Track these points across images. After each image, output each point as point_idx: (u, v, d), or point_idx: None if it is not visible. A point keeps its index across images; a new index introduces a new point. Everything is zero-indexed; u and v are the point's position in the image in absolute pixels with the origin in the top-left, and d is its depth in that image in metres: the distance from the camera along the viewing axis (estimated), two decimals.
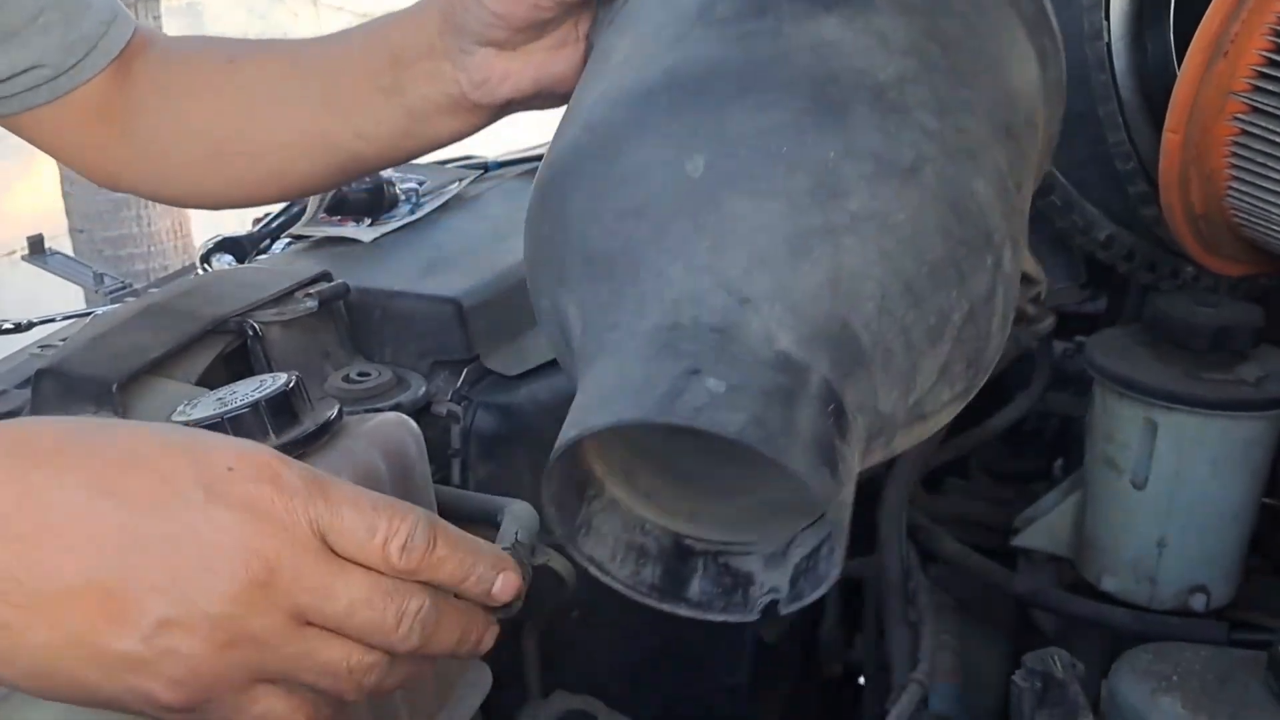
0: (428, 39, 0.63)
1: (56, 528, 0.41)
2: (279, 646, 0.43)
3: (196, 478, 0.43)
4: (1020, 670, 0.62)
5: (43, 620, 0.41)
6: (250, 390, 0.65)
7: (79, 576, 0.41)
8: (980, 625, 0.94)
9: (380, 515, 0.44)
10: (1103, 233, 0.79)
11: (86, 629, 0.41)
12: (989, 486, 1.03)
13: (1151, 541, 0.79)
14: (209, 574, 0.42)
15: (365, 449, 0.68)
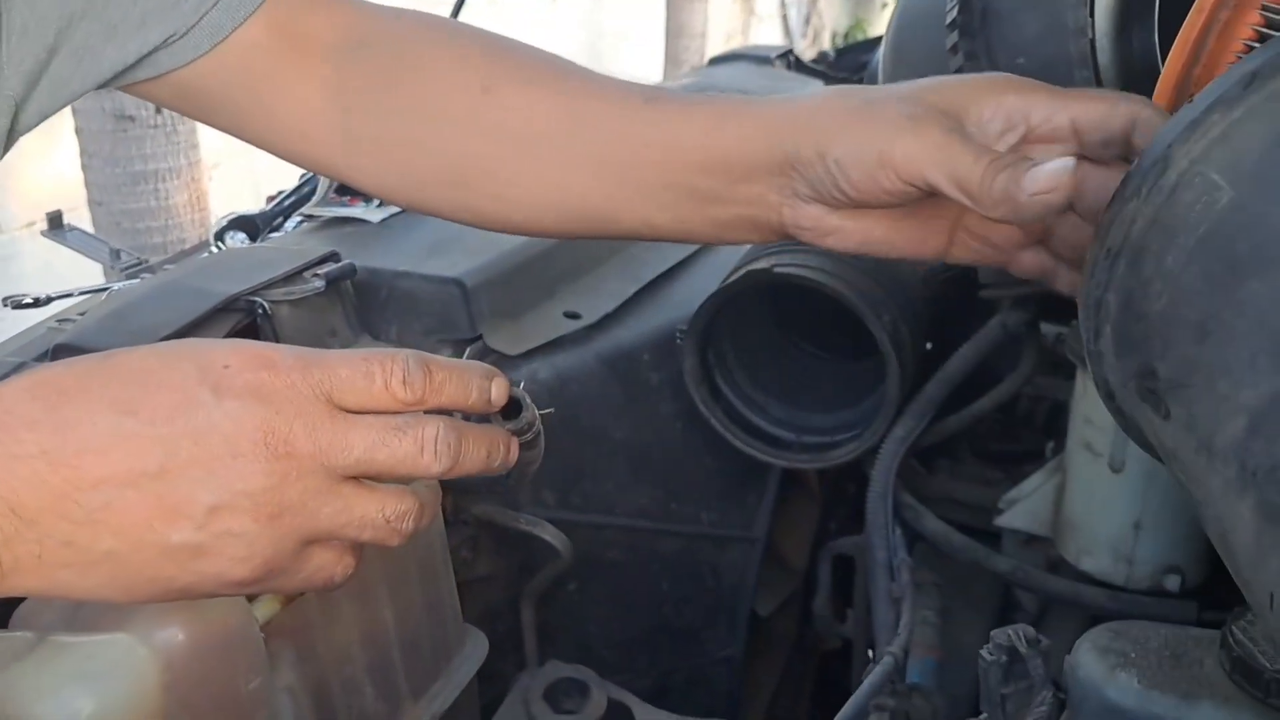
0: (765, 164, 0.57)
1: (96, 450, 0.45)
2: (318, 508, 0.47)
3: (202, 380, 0.47)
4: (988, 645, 0.65)
5: (106, 530, 0.45)
6: None
7: (127, 487, 0.45)
8: (964, 603, 0.96)
9: (373, 361, 0.48)
10: None
11: (146, 530, 0.46)
12: (978, 467, 1.05)
13: (1128, 523, 0.82)
14: (238, 459, 0.46)
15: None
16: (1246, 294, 0.51)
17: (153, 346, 0.50)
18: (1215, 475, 0.52)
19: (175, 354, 0.49)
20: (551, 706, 0.84)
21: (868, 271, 0.94)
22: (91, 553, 0.46)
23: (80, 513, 0.45)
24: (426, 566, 0.78)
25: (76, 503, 0.45)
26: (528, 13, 4.76)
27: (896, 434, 0.91)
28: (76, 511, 0.45)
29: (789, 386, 1.03)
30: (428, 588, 0.78)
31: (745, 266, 0.95)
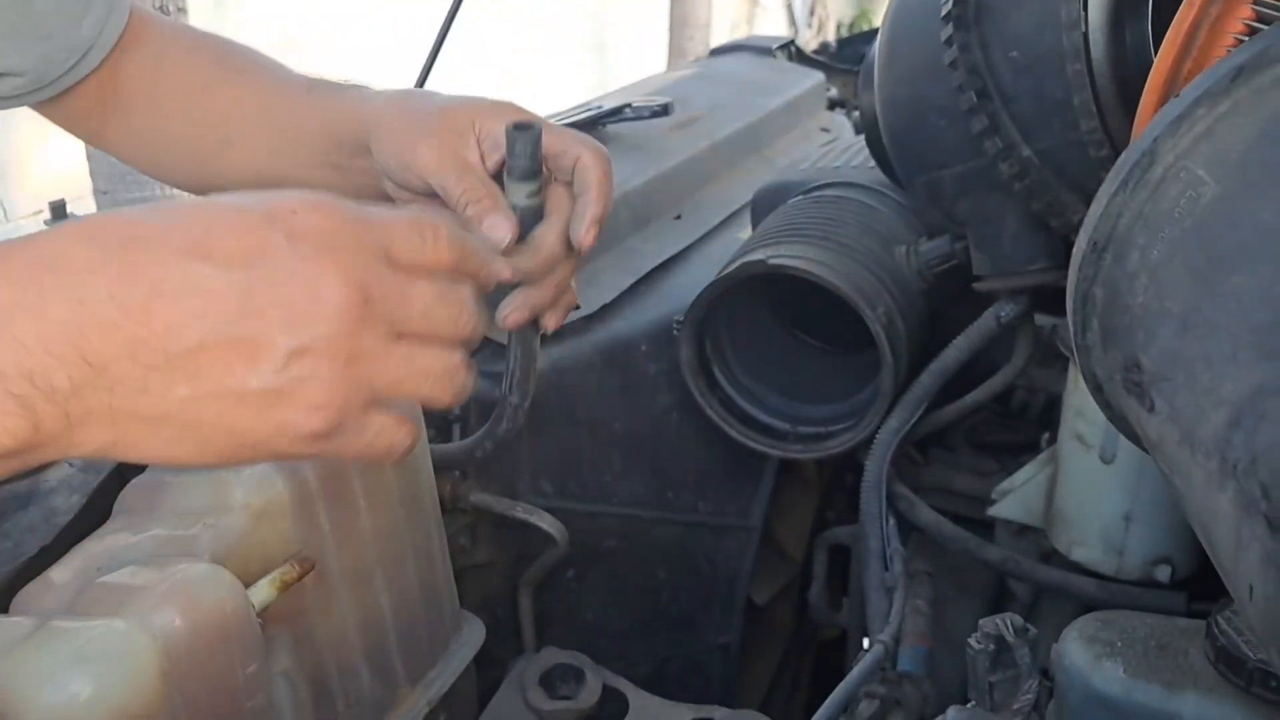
0: (361, 147, 0.72)
1: (168, 294, 0.44)
2: (386, 358, 0.48)
3: (272, 224, 0.47)
4: (975, 634, 0.66)
5: (182, 376, 0.44)
6: None
7: (206, 332, 0.45)
8: (957, 592, 0.97)
9: (424, 225, 0.51)
10: (1077, 216, 0.82)
11: (225, 374, 0.45)
12: (973, 458, 1.06)
13: (1119, 514, 0.82)
14: (317, 303, 0.46)
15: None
16: (1229, 288, 0.52)
17: (213, 196, 0.50)
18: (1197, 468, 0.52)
19: (240, 200, 0.49)
20: (547, 692, 0.85)
21: (863, 263, 0.94)
22: (166, 400, 0.44)
23: (157, 358, 0.44)
24: (423, 553, 0.79)
25: (152, 348, 0.44)
26: (531, 8, 4.75)
27: (891, 425, 0.92)
28: (152, 357, 0.44)
29: (785, 377, 1.04)
30: (424, 574, 0.79)
31: (741, 258, 0.95)
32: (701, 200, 1.31)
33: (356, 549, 0.70)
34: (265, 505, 0.62)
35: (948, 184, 0.90)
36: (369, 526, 0.71)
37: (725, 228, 1.25)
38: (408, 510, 0.76)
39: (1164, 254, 0.55)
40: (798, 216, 1.01)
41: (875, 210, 1.04)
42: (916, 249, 0.97)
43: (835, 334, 1.09)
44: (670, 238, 1.19)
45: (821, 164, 1.17)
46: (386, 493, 0.73)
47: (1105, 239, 0.59)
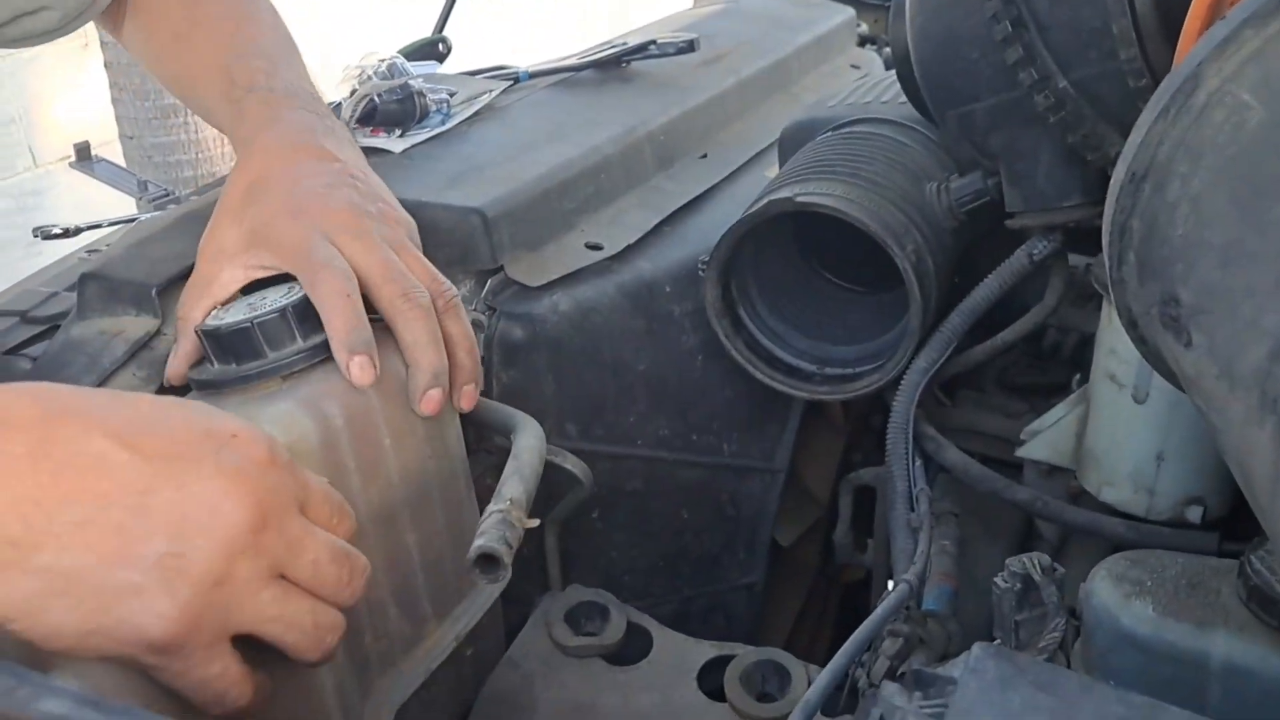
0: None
1: (79, 468, 0.46)
2: (256, 593, 0.50)
3: (206, 439, 0.50)
4: (1002, 573, 0.65)
5: (53, 544, 0.45)
6: (279, 296, 0.68)
7: (94, 511, 0.46)
8: (983, 533, 0.97)
9: (332, 492, 0.56)
10: (1114, 149, 0.79)
11: (92, 557, 0.46)
12: (1002, 399, 1.05)
13: (1150, 454, 0.81)
14: (212, 517, 0.48)
15: (389, 352, 0.71)
16: (1274, 217, 0.50)
17: (166, 398, 0.54)
18: (1236, 403, 0.51)
19: (187, 406, 0.53)
20: (572, 629, 0.86)
21: (892, 200, 0.92)
22: (30, 562, 0.45)
23: (39, 519, 0.45)
24: (449, 492, 0.79)
25: (42, 510, 0.45)
26: (530, 8, 4.70)
27: (918, 365, 0.91)
28: (35, 516, 0.45)
29: (812, 318, 1.03)
30: (451, 514, 0.79)
31: (767, 196, 0.94)
32: (728, 138, 1.29)
33: (383, 488, 0.70)
34: (291, 443, 0.62)
35: (980, 118, 0.88)
36: (395, 466, 0.71)
37: (752, 166, 1.23)
38: (434, 450, 0.76)
39: (1206, 183, 0.53)
40: (825, 153, 0.99)
41: (905, 146, 1.01)
42: (947, 186, 0.95)
43: (863, 274, 1.07)
44: (695, 177, 1.18)
45: (851, 100, 1.15)
46: (412, 433, 0.73)
47: (1144, 169, 0.57)
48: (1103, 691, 0.46)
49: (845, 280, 1.08)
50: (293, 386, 0.65)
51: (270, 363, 0.65)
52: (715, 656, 0.82)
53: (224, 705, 0.50)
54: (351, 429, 0.66)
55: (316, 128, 0.80)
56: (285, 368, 0.65)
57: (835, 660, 0.59)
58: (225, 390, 0.65)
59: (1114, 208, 0.59)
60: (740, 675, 0.78)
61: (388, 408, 0.69)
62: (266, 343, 0.64)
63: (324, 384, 0.65)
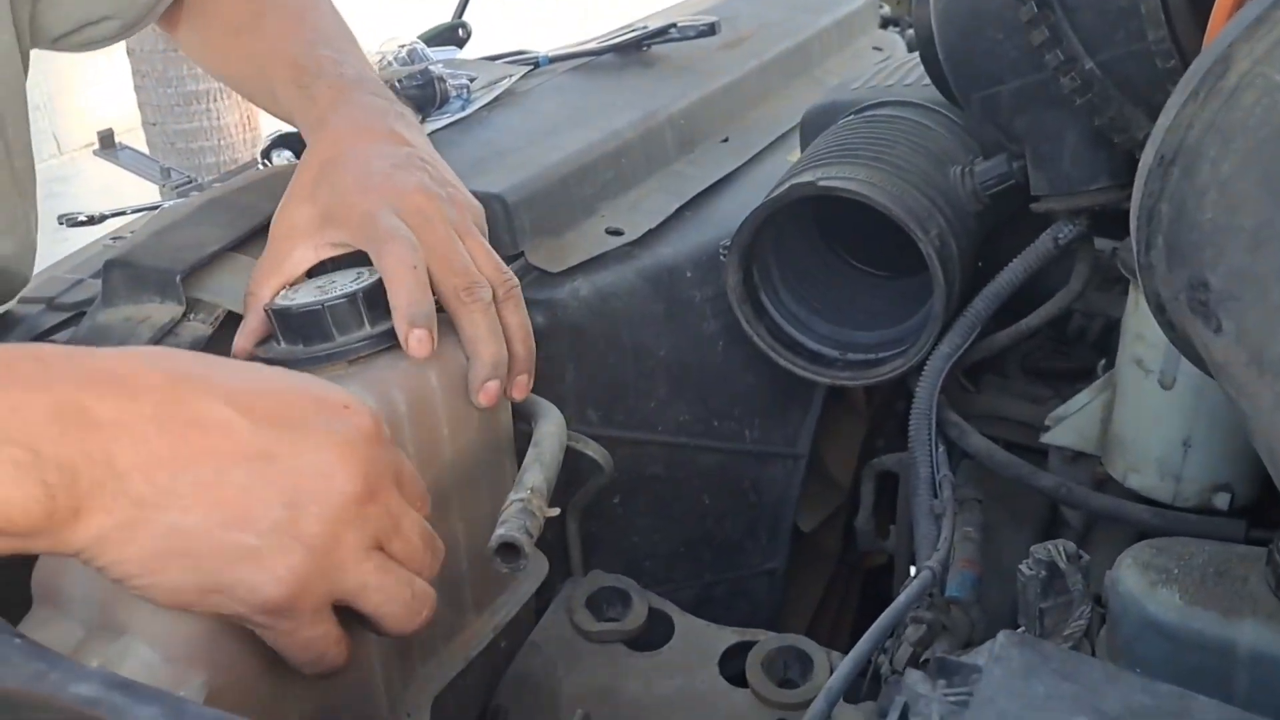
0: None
1: (202, 431, 0.48)
2: (361, 562, 0.51)
3: (320, 408, 0.51)
4: (1027, 560, 0.65)
5: (177, 505, 0.47)
6: (348, 281, 0.69)
7: (215, 474, 0.47)
8: (1007, 520, 0.96)
9: (420, 480, 0.57)
10: (1142, 131, 0.78)
11: (213, 519, 0.47)
12: (1027, 385, 1.04)
13: (1177, 441, 0.80)
14: (325, 484, 0.49)
15: (452, 342, 0.71)
16: None
17: (279, 368, 0.55)
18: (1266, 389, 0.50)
19: (300, 377, 0.55)
20: (594, 614, 0.86)
21: (915, 184, 0.92)
22: (153, 520, 0.46)
23: (164, 478, 0.46)
24: (496, 483, 0.79)
25: (167, 469, 0.47)
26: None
27: (942, 350, 0.90)
28: (160, 475, 0.46)
29: (834, 303, 1.02)
30: (496, 502, 0.79)
31: (789, 180, 0.93)
32: (749, 122, 1.28)
33: (437, 475, 0.70)
34: None
35: (1005, 100, 0.87)
36: (449, 453, 0.72)
37: (774, 150, 1.22)
38: (485, 439, 0.76)
39: (1236, 167, 0.53)
40: (848, 137, 0.99)
41: (929, 130, 1.00)
42: (971, 169, 0.94)
43: (886, 258, 1.07)
44: (717, 161, 1.17)
45: (873, 83, 1.14)
46: (468, 421, 0.73)
47: (1173, 152, 0.56)
48: (1128, 680, 0.46)
49: (868, 265, 1.07)
50: (359, 371, 0.65)
51: (338, 346, 0.65)
52: (737, 642, 0.82)
53: (321, 666, 0.52)
54: (413, 415, 0.66)
55: (388, 112, 0.80)
56: (352, 352, 0.65)
57: (858, 647, 0.59)
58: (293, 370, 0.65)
59: (1142, 192, 0.59)
60: (762, 661, 0.78)
61: (447, 395, 0.70)
62: (335, 326, 0.65)
63: (389, 370, 0.66)
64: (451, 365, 0.70)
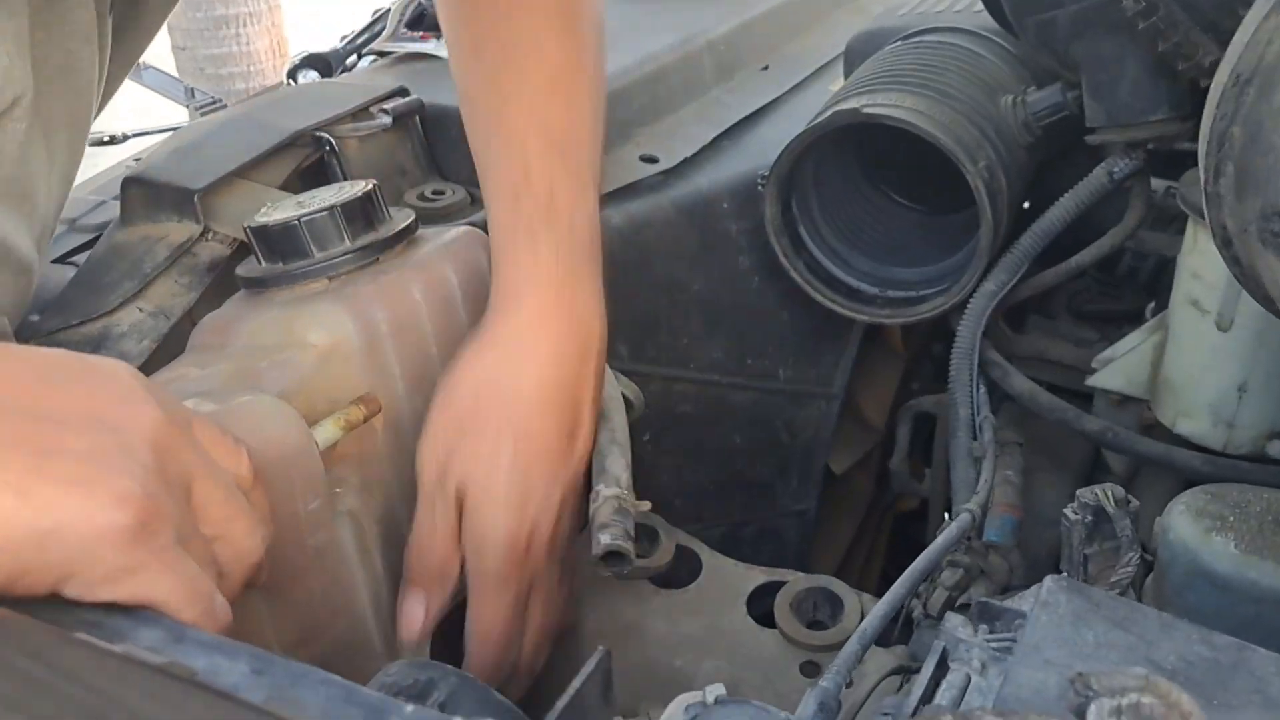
0: None
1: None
2: (197, 471, 0.45)
3: (74, 357, 0.45)
4: (1072, 504, 0.62)
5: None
6: (329, 196, 0.66)
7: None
8: (1047, 464, 0.93)
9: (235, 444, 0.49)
10: (1209, 58, 0.74)
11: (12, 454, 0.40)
12: (1072, 327, 1.00)
13: (1232, 385, 0.77)
14: (129, 403, 0.43)
15: (438, 260, 0.69)
16: None
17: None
18: None
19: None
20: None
21: (965, 113, 0.87)
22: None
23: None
24: None
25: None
26: None
27: (987, 288, 0.86)
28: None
29: (874, 238, 0.98)
30: None
31: (833, 107, 0.89)
32: (791, 51, 1.24)
33: (428, 396, 0.68)
34: (334, 345, 0.60)
35: (1062, 25, 0.82)
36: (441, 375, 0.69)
37: (815, 80, 1.18)
38: None
39: None
40: (895, 63, 0.94)
41: (980, 57, 0.96)
42: (1023, 99, 0.90)
43: (929, 193, 1.02)
44: (756, 89, 1.13)
45: (921, 9, 1.09)
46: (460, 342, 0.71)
47: (1250, 70, 0.52)
48: (1185, 630, 0.43)
49: (910, 200, 1.03)
50: (338, 288, 0.63)
51: (316, 263, 0.63)
52: (765, 582, 0.80)
53: (210, 614, 0.44)
54: (397, 336, 0.64)
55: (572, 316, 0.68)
56: (331, 268, 0.63)
57: (894, 590, 0.56)
58: (270, 288, 0.63)
59: (1214, 114, 0.55)
60: (791, 602, 0.76)
61: (436, 317, 0.67)
62: (314, 242, 0.63)
63: (370, 287, 0.63)
64: (440, 283, 0.67)
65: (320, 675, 0.41)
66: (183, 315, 0.73)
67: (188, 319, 0.73)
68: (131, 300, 0.71)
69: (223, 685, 0.40)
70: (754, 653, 0.75)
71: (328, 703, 0.40)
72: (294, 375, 0.57)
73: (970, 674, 0.43)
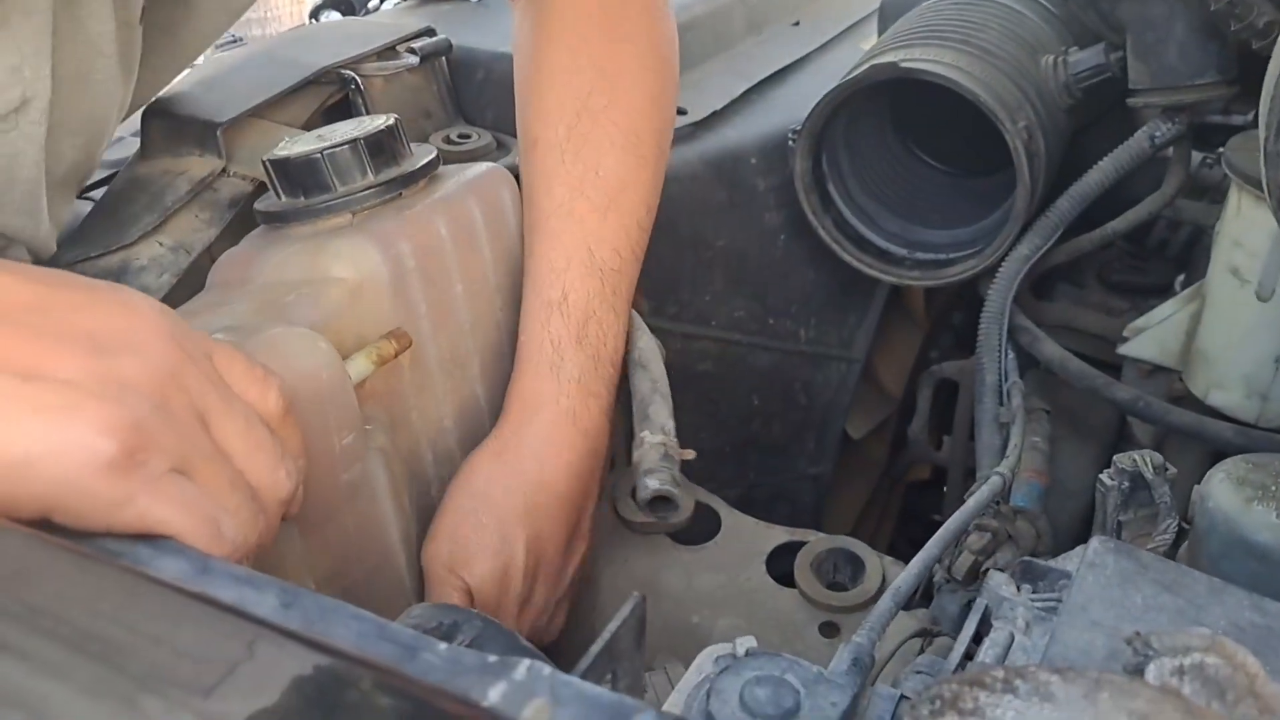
0: None
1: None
2: (213, 402, 0.42)
3: (92, 283, 0.43)
4: (1109, 469, 0.61)
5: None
6: (350, 129, 0.64)
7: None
8: (1073, 433, 0.92)
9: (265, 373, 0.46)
10: (1263, 18, 0.72)
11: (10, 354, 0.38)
12: (1103, 296, 0.98)
13: (1269, 356, 0.75)
14: (133, 329, 0.41)
15: (461, 196, 0.67)
16: None
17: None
18: None
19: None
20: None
21: (1005, 72, 0.85)
22: None
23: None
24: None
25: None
26: None
27: (1020, 252, 0.85)
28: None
29: (905, 198, 0.97)
30: None
31: (869, 61, 0.87)
32: (823, 6, 1.21)
33: (453, 334, 0.66)
34: (362, 280, 0.59)
35: None
36: (466, 314, 0.68)
37: (847, 37, 1.16)
38: (504, 301, 0.72)
39: None
40: (933, 19, 0.92)
41: (1021, 15, 0.94)
42: (1065, 59, 0.88)
43: (959, 153, 1.01)
44: (786, 44, 1.11)
45: None
46: (484, 281, 0.69)
47: None
48: (1235, 595, 0.42)
49: (942, 160, 1.01)
50: (362, 223, 0.61)
51: (339, 197, 0.61)
52: (785, 542, 0.79)
53: (238, 538, 0.43)
54: (423, 271, 0.63)
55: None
56: (355, 203, 0.61)
57: (925, 550, 0.55)
58: (291, 223, 0.61)
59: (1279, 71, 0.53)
60: (812, 561, 0.75)
61: (461, 254, 0.66)
62: (336, 176, 0.61)
63: (395, 222, 0.61)
64: (464, 219, 0.66)
65: (351, 610, 0.40)
66: (202, 251, 0.71)
67: (207, 255, 0.72)
68: (151, 234, 0.70)
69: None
70: (772, 611, 0.75)
71: (359, 638, 0.39)
72: (322, 310, 0.55)
73: (1014, 633, 0.42)
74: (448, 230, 0.64)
